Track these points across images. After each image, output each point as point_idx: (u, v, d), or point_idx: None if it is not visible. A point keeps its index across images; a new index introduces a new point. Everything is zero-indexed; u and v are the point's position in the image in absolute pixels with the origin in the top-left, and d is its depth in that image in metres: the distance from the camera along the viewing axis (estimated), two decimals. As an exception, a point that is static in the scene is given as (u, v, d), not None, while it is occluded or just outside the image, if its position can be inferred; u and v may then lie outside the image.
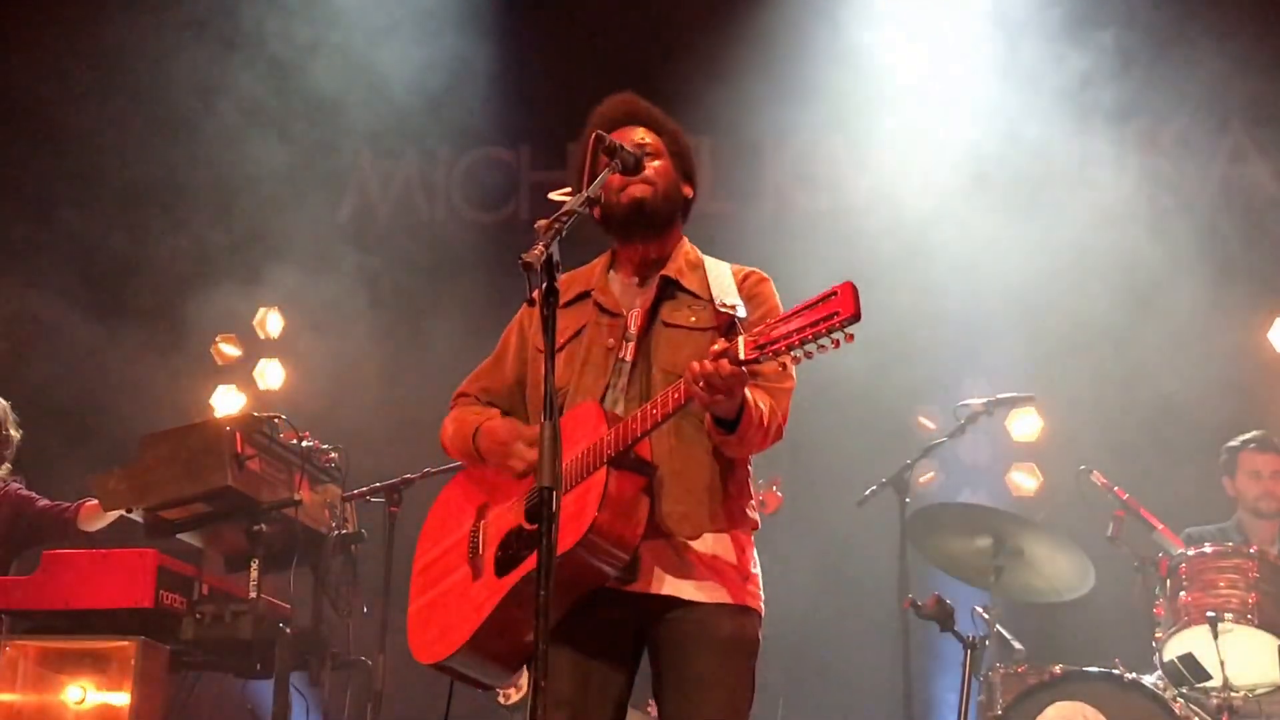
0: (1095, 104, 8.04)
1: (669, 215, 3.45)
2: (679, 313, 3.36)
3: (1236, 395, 7.20)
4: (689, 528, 3.23)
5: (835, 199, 8.55)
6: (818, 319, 2.86)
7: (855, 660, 7.19)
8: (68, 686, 5.10)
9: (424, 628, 3.45)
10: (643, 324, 3.36)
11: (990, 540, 5.55)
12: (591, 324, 3.40)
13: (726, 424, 3.14)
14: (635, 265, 3.47)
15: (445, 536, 3.52)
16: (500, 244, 8.30)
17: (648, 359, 3.32)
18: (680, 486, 3.23)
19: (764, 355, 2.93)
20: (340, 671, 5.53)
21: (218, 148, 8.38)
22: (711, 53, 8.25)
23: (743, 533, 3.33)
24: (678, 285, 3.39)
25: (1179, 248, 7.73)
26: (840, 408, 7.03)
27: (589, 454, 3.17)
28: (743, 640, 3.27)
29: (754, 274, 3.45)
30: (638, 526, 3.13)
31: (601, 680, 3.26)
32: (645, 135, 3.46)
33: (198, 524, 5.39)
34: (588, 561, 3.11)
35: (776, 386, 3.26)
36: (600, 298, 3.44)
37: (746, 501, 3.36)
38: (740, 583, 3.29)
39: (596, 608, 3.21)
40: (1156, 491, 6.15)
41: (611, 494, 3.10)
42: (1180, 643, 5.21)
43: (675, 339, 3.32)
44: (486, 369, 3.61)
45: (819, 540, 7.16)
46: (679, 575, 3.23)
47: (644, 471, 3.18)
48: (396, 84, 8.31)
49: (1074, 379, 7.61)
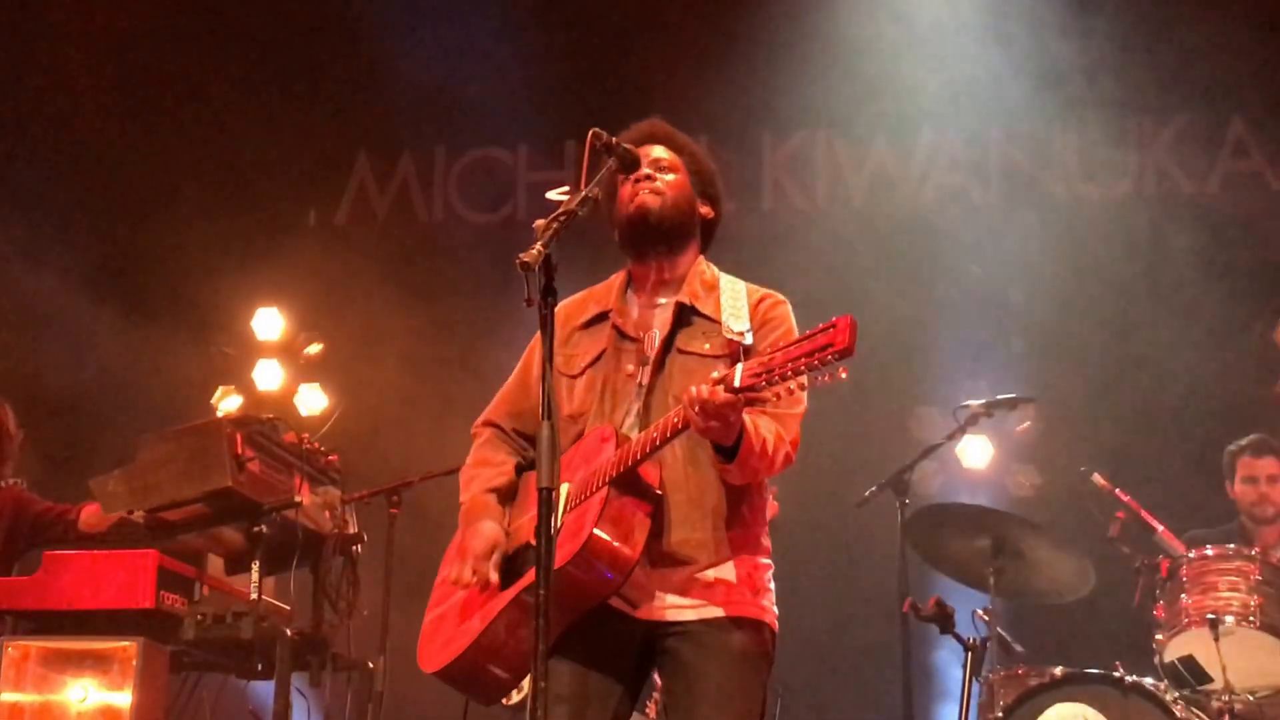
0: (1096, 100, 8.04)
1: (680, 229, 3.42)
2: (694, 340, 3.33)
3: (1239, 396, 7.19)
4: (705, 556, 3.22)
5: (833, 197, 8.55)
6: (813, 350, 2.85)
7: (855, 662, 7.20)
8: (69, 687, 5.10)
9: (432, 636, 3.46)
10: (659, 351, 3.34)
11: (990, 542, 5.54)
12: (612, 349, 3.38)
13: (725, 452, 3.13)
14: (650, 285, 3.44)
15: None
16: (498, 244, 8.30)
17: (664, 386, 3.30)
18: (695, 513, 3.22)
19: (760, 383, 2.92)
20: (341, 673, 5.53)
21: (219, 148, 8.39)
22: (709, 51, 8.25)
23: (757, 560, 3.32)
24: (694, 310, 3.36)
25: (1181, 246, 7.73)
26: (839, 408, 7.02)
27: (594, 475, 3.17)
28: (754, 653, 3.25)
29: (769, 297, 3.41)
30: (635, 548, 3.11)
31: (600, 686, 3.24)
32: (664, 152, 3.45)
33: (198, 525, 5.37)
34: (582, 579, 3.11)
35: (785, 412, 3.23)
36: (618, 321, 3.41)
37: (762, 529, 3.35)
38: (752, 598, 3.28)
39: (602, 626, 3.21)
40: (1158, 494, 6.14)
41: (609, 513, 3.10)
42: (1181, 645, 5.21)
43: (689, 366, 3.30)
44: (510, 393, 3.58)
45: (818, 542, 7.16)
46: (690, 604, 3.22)
47: (645, 495, 3.16)
48: (395, 83, 8.32)
49: (1075, 379, 7.61)
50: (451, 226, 8.83)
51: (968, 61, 8.03)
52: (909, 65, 8.14)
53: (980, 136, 8.42)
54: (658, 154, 3.44)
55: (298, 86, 8.57)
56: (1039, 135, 8.36)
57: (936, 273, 7.99)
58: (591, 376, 3.36)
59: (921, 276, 7.97)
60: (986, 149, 8.45)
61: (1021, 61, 7.94)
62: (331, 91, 8.67)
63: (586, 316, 3.45)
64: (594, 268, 3.56)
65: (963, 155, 8.47)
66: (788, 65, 8.23)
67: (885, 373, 7.33)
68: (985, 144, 8.44)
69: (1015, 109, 8.18)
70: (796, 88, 8.25)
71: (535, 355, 3.52)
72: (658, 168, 3.41)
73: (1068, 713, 5.12)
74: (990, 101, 8.16)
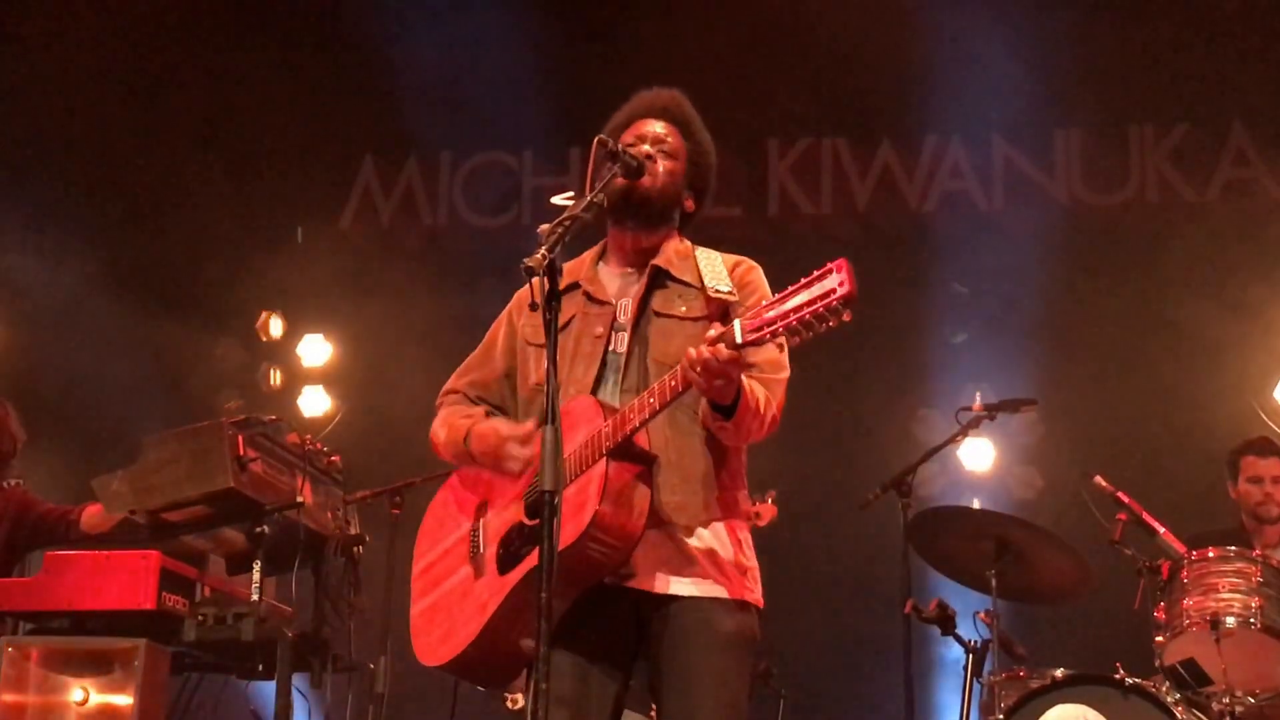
0: (1098, 106, 8.06)
1: (661, 210, 3.41)
2: (670, 302, 3.34)
3: (1241, 398, 7.19)
4: (685, 517, 3.22)
5: (838, 202, 8.56)
6: (814, 298, 2.82)
7: (857, 663, 7.19)
8: (70, 688, 5.09)
9: (428, 629, 3.44)
10: (635, 314, 3.34)
11: (992, 544, 5.53)
12: (580, 314, 3.38)
13: (723, 411, 3.12)
14: (625, 255, 3.45)
15: (444, 537, 3.52)
16: (502, 248, 8.31)
17: (642, 350, 3.30)
18: (676, 476, 3.22)
19: (763, 336, 2.91)
20: (342, 674, 5.53)
21: (223, 151, 8.41)
22: (714, 56, 8.26)
23: (739, 522, 3.33)
24: (668, 275, 3.37)
25: (1182, 250, 7.74)
26: (842, 410, 7.03)
27: (587, 446, 3.15)
28: (742, 636, 3.26)
29: (744, 262, 3.42)
30: (640, 517, 3.12)
31: (601, 680, 3.24)
32: (668, 134, 3.44)
33: (200, 526, 5.38)
34: (590, 554, 3.10)
35: (771, 377, 3.24)
36: (589, 287, 3.42)
37: (741, 491, 3.36)
38: (739, 577, 3.28)
39: (596, 606, 3.20)
40: (1159, 495, 6.13)
41: (612, 485, 3.09)
42: (1182, 647, 5.19)
43: (667, 328, 3.31)
44: (475, 362, 3.60)
45: (821, 543, 7.16)
46: (678, 571, 3.22)
47: (644, 461, 3.16)
48: (401, 88, 8.34)
49: (1076, 382, 7.61)
50: (456, 230, 8.84)
51: (972, 67, 8.04)
52: (913, 71, 8.16)
53: (983, 142, 8.43)
54: (663, 132, 3.43)
55: (304, 90, 8.59)
56: (1041, 141, 8.37)
57: (940, 277, 7.99)
58: (560, 342, 3.31)
59: (925, 280, 7.98)
60: (989, 155, 8.46)
61: (1025, 68, 7.95)
62: (337, 96, 8.69)
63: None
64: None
65: (966, 161, 8.48)
66: (793, 71, 8.24)
67: (888, 376, 7.34)
68: (988, 150, 8.45)
69: (1018, 115, 8.19)
70: (802, 93, 8.26)
71: (503, 328, 3.56)
72: (660, 147, 3.40)
73: (1068, 714, 5.09)
74: (994, 107, 8.17)
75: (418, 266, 8.55)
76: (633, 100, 3.50)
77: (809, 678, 7.04)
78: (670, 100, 3.51)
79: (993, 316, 7.88)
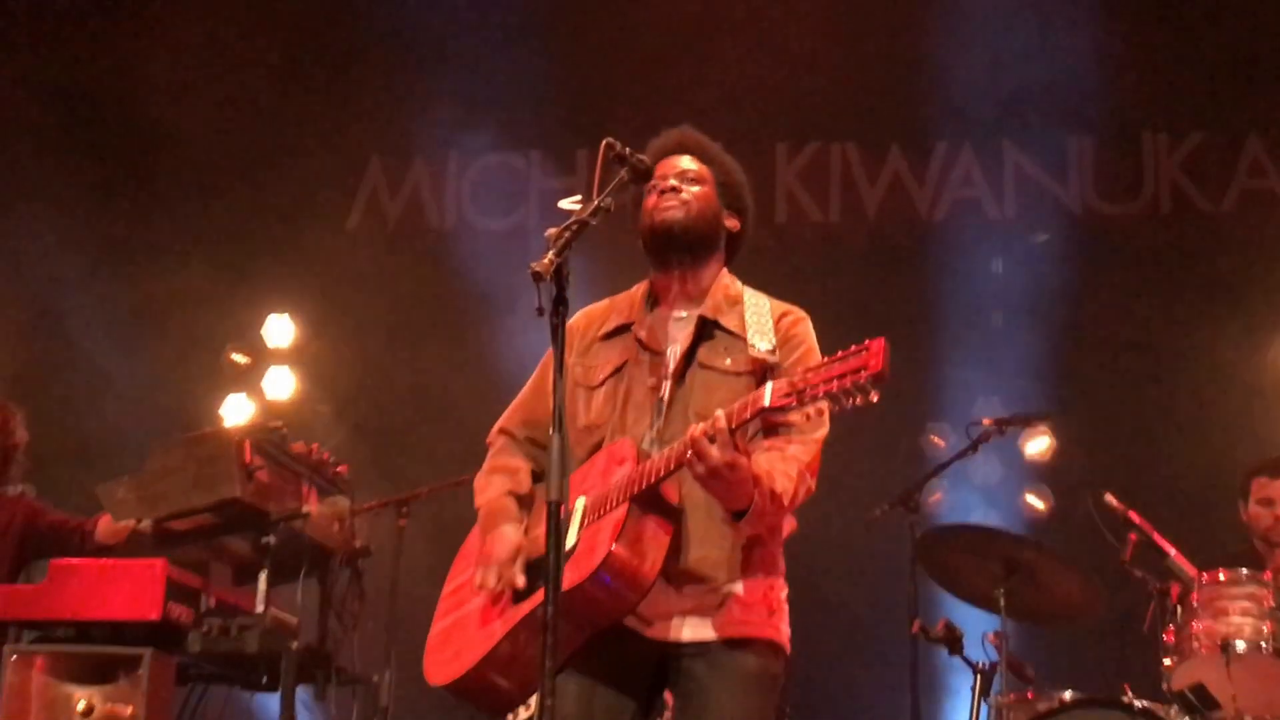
0: (1111, 115, 8.02)
1: (704, 240, 3.39)
2: (715, 354, 3.31)
3: (1255, 415, 7.14)
4: (721, 574, 3.19)
5: (846, 209, 8.53)
6: (845, 372, 2.82)
7: (863, 684, 7.16)
8: (75, 697, 5.06)
9: (440, 649, 3.43)
10: (680, 364, 3.31)
11: (1001, 563, 5.50)
12: (633, 361, 3.36)
13: (734, 513, 3.10)
14: (672, 297, 3.42)
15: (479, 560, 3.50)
16: (509, 251, 8.29)
17: (684, 401, 3.27)
18: (714, 531, 3.18)
19: (790, 403, 2.89)
20: (346, 687, 5.50)
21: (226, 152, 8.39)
22: (722, 60, 8.23)
23: (777, 580, 3.30)
24: (716, 325, 3.34)
25: (1196, 263, 7.69)
26: (850, 424, 6.98)
27: (614, 491, 3.13)
28: (766, 675, 3.24)
29: (792, 312, 3.39)
30: (654, 566, 3.08)
31: (608, 706, 3.22)
32: (691, 163, 3.43)
33: (206, 535, 5.35)
34: (599, 597, 3.07)
35: (808, 436, 3.22)
36: (641, 333, 3.39)
37: (778, 548, 3.32)
38: (766, 618, 3.25)
39: (613, 644, 3.17)
40: (1171, 515, 6.09)
41: (629, 530, 3.06)
42: (1191, 670, 5.16)
43: (710, 382, 3.28)
44: (526, 400, 3.56)
45: (828, 559, 7.12)
46: (705, 623, 3.19)
47: (667, 514, 3.12)
48: (408, 89, 8.31)
49: (1088, 396, 7.57)
50: (463, 233, 8.81)
51: (982, 75, 8.00)
52: (922, 77, 8.12)
53: (995, 150, 8.39)
54: (685, 164, 3.42)
55: (310, 92, 8.56)
56: (1054, 149, 8.33)
57: (949, 287, 7.95)
58: (612, 388, 3.34)
59: (934, 290, 7.94)
60: (1001, 162, 8.42)
61: (1037, 76, 7.92)
62: (344, 97, 8.66)
63: (608, 328, 3.44)
64: (613, 277, 3.55)
65: (977, 168, 8.45)
66: (801, 76, 8.20)
67: (897, 388, 7.29)
68: (1000, 157, 8.41)
69: (1030, 123, 8.15)
70: (810, 98, 8.23)
71: (552, 365, 3.53)
72: (684, 179, 3.39)
73: (1077, 738, 5.08)
74: (1005, 115, 8.13)
75: (424, 269, 8.52)
76: (647, 149, 3.47)
77: (815, 696, 7.01)
78: (681, 135, 3.51)
79: (1005, 327, 7.84)
